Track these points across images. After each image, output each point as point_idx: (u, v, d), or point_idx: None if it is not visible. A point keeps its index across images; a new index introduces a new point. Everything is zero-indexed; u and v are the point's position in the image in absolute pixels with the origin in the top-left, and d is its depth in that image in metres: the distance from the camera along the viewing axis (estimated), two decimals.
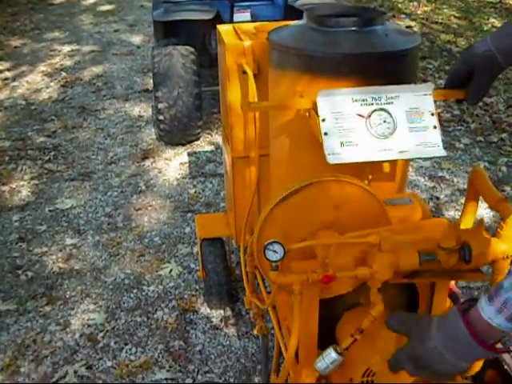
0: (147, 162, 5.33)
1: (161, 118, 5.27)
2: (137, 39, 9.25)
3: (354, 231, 1.79)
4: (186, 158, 5.39)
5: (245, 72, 2.40)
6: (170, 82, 5.16)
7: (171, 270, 3.85)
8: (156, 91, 5.24)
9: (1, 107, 6.76)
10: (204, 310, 3.50)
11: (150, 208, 4.61)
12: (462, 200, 4.38)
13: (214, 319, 3.43)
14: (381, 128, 1.83)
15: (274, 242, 1.66)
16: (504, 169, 5.08)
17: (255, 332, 2.56)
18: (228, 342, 3.26)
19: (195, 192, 4.83)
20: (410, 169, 5.00)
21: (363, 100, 1.85)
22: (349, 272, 1.70)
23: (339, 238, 1.79)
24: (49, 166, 5.37)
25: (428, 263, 1.72)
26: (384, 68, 1.96)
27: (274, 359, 2.39)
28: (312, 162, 1.95)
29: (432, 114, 1.87)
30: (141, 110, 6.47)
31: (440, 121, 5.36)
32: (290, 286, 1.72)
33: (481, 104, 6.09)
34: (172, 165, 5.28)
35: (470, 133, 5.70)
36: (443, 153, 1.86)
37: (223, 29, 2.76)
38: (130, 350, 3.25)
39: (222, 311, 3.48)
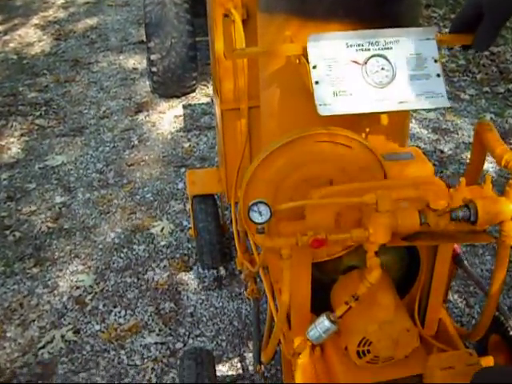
0: (141, 116, 5.16)
1: (154, 69, 5.07)
2: None
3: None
4: (180, 111, 5.22)
5: (227, 15, 2.20)
6: (162, 32, 4.95)
7: (163, 228, 3.71)
8: (148, 42, 5.03)
9: None
10: (196, 270, 3.37)
11: (142, 163, 4.45)
12: (467, 154, 4.22)
13: (206, 280, 3.30)
14: (378, 76, 1.65)
15: (260, 202, 1.51)
16: (511, 121, 4.89)
17: (246, 295, 2.42)
18: (221, 304, 3.13)
19: (189, 146, 4.67)
20: (413, 120, 4.82)
21: (359, 45, 1.66)
22: (342, 235, 1.55)
23: (331, 197, 1.64)
24: (40, 121, 5.21)
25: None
26: (382, 10, 1.75)
27: (267, 324, 2.26)
28: (304, 114, 1.77)
29: (435, 61, 1.68)
30: (135, 62, 6.27)
31: (444, 71, 5.18)
32: (278, 249, 1.58)
33: (487, 53, 5.87)
34: (166, 118, 5.11)
35: (476, 83, 5.48)
36: (447, 103, 1.68)
37: None
38: (119, 312, 3.12)
39: (214, 271, 3.34)
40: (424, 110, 4.52)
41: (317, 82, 1.61)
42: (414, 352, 1.74)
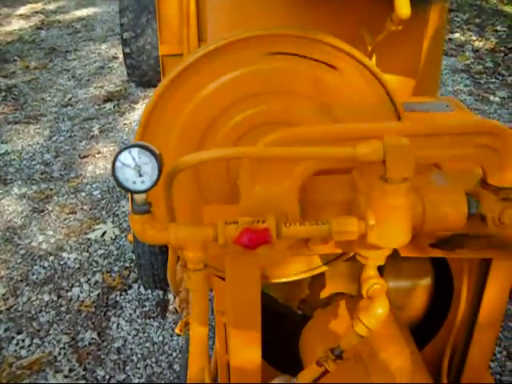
0: (109, 105, 4.44)
1: (127, 50, 4.27)
2: None
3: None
4: None
5: None
6: (137, 5, 4.15)
7: (104, 233, 2.91)
8: (121, 17, 4.23)
9: None
10: (137, 289, 2.56)
11: (98, 156, 3.68)
12: None
13: (147, 303, 2.48)
14: None
15: (136, 146, 0.71)
16: None
17: (176, 331, 1.59)
18: (161, 338, 2.30)
19: None
20: None
21: None
22: (309, 226, 0.75)
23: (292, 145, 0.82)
24: None
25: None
26: None
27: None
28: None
29: None
30: (117, 51, 5.61)
31: (469, 72, 4.46)
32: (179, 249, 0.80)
33: None
34: (139, 108, 4.39)
35: (507, 86, 4.71)
36: None
37: None
38: (23, 341, 2.33)
39: (159, 292, 2.50)
40: None
41: None
42: None
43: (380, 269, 1.08)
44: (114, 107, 4.40)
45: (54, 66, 5.34)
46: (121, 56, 5.36)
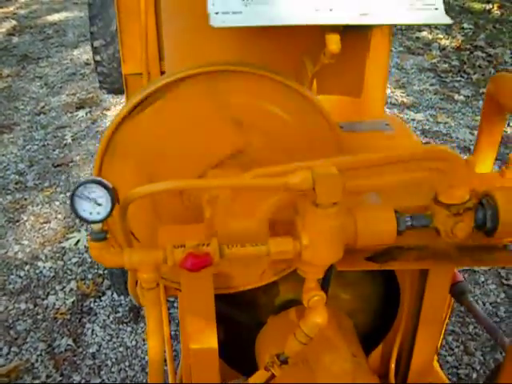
0: (81, 112, 4.48)
1: (97, 58, 4.32)
2: None
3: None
4: None
5: None
6: (107, 13, 4.21)
7: (78, 241, 2.98)
8: (91, 26, 4.29)
9: None
10: (110, 295, 2.63)
11: (71, 164, 3.73)
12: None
13: (120, 309, 2.55)
14: None
15: (92, 181, 0.80)
16: None
17: (145, 335, 1.67)
18: (134, 343, 2.37)
19: None
20: None
21: None
22: (249, 248, 0.84)
23: (238, 177, 0.90)
24: None
25: (415, 234, 0.98)
26: None
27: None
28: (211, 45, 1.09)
29: None
30: (89, 57, 5.60)
31: (435, 71, 4.53)
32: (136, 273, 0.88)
33: (483, 55, 5.35)
34: (110, 115, 4.42)
35: (472, 84, 4.83)
36: (445, 20, 0.97)
37: None
38: (1, 350, 2.40)
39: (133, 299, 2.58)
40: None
41: None
42: None
43: (329, 277, 1.17)
44: (86, 114, 4.44)
45: (26, 74, 5.36)
46: (93, 62, 5.43)
